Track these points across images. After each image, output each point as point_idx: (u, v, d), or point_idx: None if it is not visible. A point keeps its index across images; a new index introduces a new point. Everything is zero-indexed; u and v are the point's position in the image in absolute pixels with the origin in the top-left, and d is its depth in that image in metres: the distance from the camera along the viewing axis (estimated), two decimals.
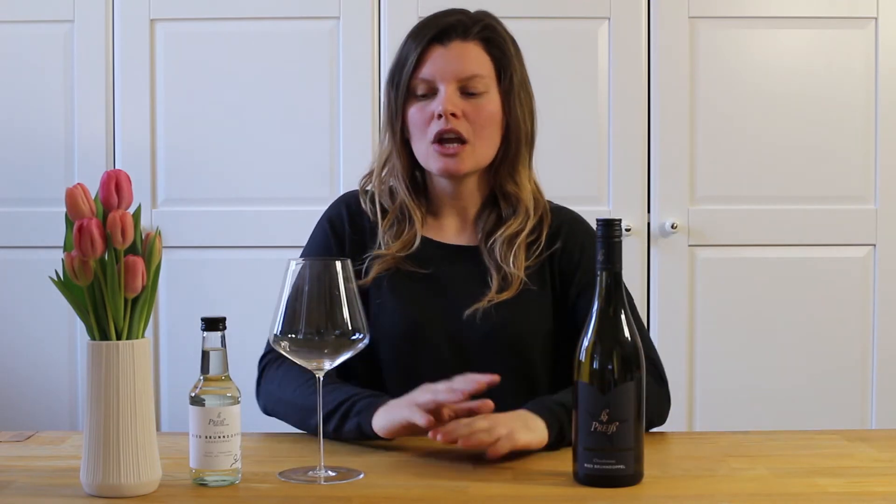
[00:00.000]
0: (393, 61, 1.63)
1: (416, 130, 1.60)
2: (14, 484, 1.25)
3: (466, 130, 1.58)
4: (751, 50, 2.72)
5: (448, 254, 1.64)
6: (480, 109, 1.59)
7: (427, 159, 1.61)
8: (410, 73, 1.58)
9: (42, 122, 2.71)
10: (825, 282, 2.72)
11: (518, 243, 1.61)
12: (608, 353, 1.22)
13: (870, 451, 1.42)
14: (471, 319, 1.58)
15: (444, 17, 1.61)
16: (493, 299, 1.58)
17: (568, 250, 1.65)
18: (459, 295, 1.60)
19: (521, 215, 1.63)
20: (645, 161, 2.70)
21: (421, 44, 1.59)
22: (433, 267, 1.62)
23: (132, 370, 1.19)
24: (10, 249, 2.72)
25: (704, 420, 2.69)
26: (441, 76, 1.58)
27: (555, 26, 2.69)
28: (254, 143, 2.70)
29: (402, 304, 1.60)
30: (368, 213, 1.66)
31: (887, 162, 2.71)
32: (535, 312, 1.62)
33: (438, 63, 1.58)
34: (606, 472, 1.21)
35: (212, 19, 2.70)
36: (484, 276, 1.61)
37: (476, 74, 1.58)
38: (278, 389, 1.56)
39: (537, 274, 1.63)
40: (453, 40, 1.59)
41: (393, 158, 1.64)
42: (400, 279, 1.61)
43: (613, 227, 1.25)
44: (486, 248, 1.63)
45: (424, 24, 1.62)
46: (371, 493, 1.22)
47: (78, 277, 1.17)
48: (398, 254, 1.61)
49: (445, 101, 1.56)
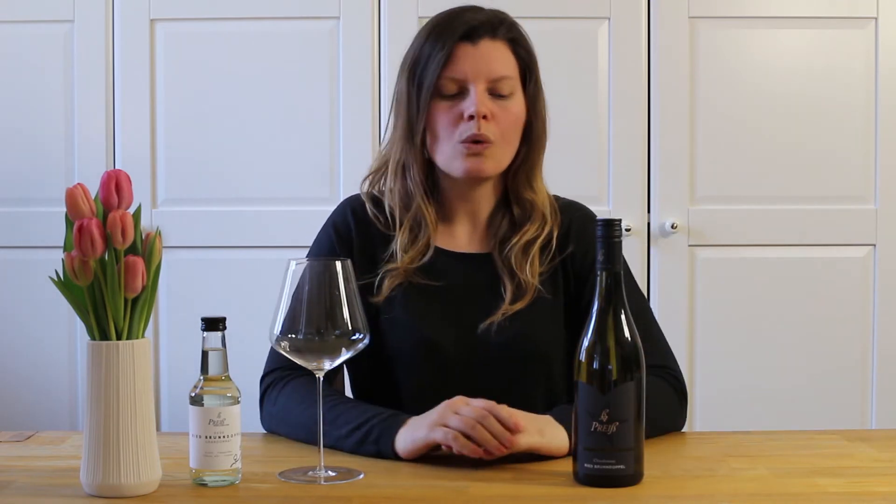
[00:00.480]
0: (411, 57, 1.56)
1: (442, 131, 1.53)
2: (14, 484, 1.25)
3: (493, 133, 1.52)
4: (751, 50, 2.72)
5: (460, 263, 1.59)
6: (507, 112, 1.54)
7: (451, 161, 1.54)
8: (438, 73, 1.51)
9: (42, 122, 2.72)
10: (825, 282, 2.72)
11: (533, 251, 1.57)
12: (608, 353, 1.22)
13: (870, 451, 1.42)
14: (485, 333, 1.54)
15: (470, 15, 1.55)
16: (508, 311, 1.54)
17: (580, 252, 1.61)
18: (473, 308, 1.56)
19: (536, 221, 1.59)
20: (645, 161, 2.71)
21: (450, 42, 1.51)
22: (445, 279, 1.57)
23: (132, 370, 1.18)
24: (10, 249, 2.72)
25: (704, 420, 2.68)
26: (473, 76, 1.51)
27: (555, 26, 2.69)
28: (254, 143, 2.70)
29: (415, 320, 1.55)
30: (377, 222, 1.60)
31: (887, 162, 2.71)
32: (550, 321, 1.58)
33: (469, 62, 1.51)
34: (606, 472, 1.21)
35: (212, 19, 2.70)
36: (497, 285, 1.57)
37: (505, 76, 1.53)
38: (283, 411, 1.51)
39: (550, 279, 1.59)
40: (483, 38, 1.53)
41: (409, 161, 1.57)
42: (412, 293, 1.56)
43: (613, 227, 1.25)
44: (500, 255, 1.58)
45: (448, 21, 1.55)
46: (371, 493, 1.22)
47: (78, 277, 1.17)
48: (411, 266, 1.56)
49: (479, 103, 1.50)
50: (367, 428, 1.38)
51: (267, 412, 1.55)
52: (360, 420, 1.40)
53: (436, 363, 1.54)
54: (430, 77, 1.52)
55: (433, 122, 1.54)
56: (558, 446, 1.34)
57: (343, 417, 1.41)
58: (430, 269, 1.57)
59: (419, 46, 1.56)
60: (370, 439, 1.37)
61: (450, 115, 1.53)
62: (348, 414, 1.42)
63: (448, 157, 1.54)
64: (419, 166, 1.57)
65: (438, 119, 1.53)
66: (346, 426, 1.40)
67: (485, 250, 1.61)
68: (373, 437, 1.37)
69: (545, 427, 1.35)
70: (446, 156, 1.55)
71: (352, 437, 1.39)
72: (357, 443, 1.38)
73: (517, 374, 1.55)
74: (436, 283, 1.56)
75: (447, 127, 1.53)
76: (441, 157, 1.56)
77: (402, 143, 1.57)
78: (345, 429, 1.40)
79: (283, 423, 1.51)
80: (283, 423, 1.51)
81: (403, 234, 1.57)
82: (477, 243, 1.62)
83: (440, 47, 1.52)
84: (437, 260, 1.58)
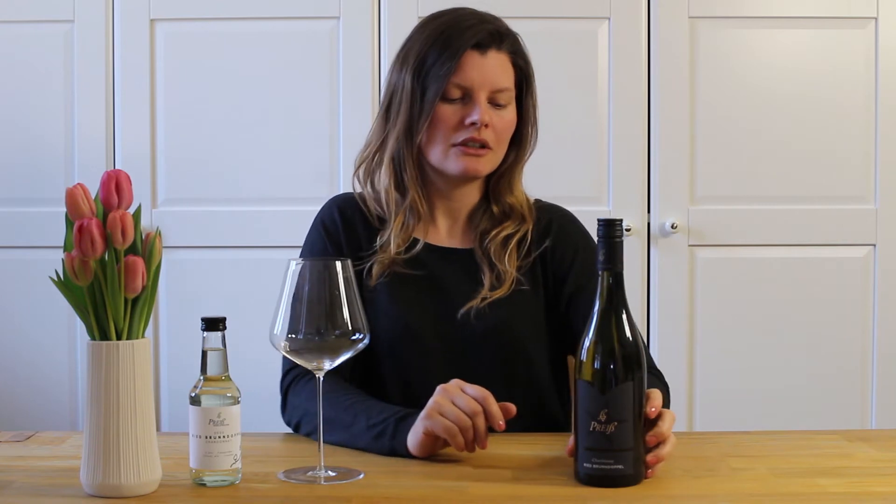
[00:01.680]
0: (414, 56, 1.60)
1: (443, 132, 1.59)
2: (14, 484, 1.25)
3: (491, 140, 1.59)
4: (751, 50, 2.72)
5: (441, 255, 1.65)
6: (503, 121, 1.61)
7: (445, 159, 1.60)
8: (447, 79, 1.56)
9: (42, 122, 2.71)
10: (825, 282, 2.72)
11: (511, 244, 1.63)
12: (608, 352, 1.22)
13: (870, 451, 1.42)
14: (465, 319, 1.59)
15: (479, 25, 1.59)
16: (487, 297, 1.59)
17: (560, 250, 1.66)
18: (453, 295, 1.61)
19: (516, 219, 1.65)
20: (645, 161, 2.70)
21: (461, 49, 1.57)
22: (427, 269, 1.63)
23: (132, 370, 1.18)
24: (10, 249, 2.72)
25: (704, 420, 2.69)
26: (479, 85, 1.58)
27: (555, 26, 2.68)
28: (254, 143, 2.70)
29: (396, 306, 1.60)
30: (368, 216, 1.66)
31: (887, 162, 2.71)
32: (529, 310, 1.63)
33: (477, 71, 1.57)
34: (606, 472, 1.21)
35: (212, 19, 2.70)
36: (477, 275, 1.62)
37: (506, 87, 1.60)
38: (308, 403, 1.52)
39: (529, 273, 1.64)
40: (490, 49, 1.59)
41: (405, 156, 1.62)
42: (394, 282, 1.61)
43: (615, 227, 1.25)
44: (480, 247, 1.64)
45: (457, 27, 1.59)
46: (371, 493, 1.22)
47: (78, 277, 1.17)
48: (399, 256, 1.61)
49: (482, 113, 1.57)
50: (382, 426, 1.41)
51: (292, 404, 1.56)
52: (380, 417, 1.42)
53: (417, 350, 1.59)
54: (439, 82, 1.57)
55: (435, 123, 1.59)
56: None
57: (364, 414, 1.44)
58: (413, 261, 1.62)
59: (424, 48, 1.59)
60: (386, 435, 1.40)
61: (453, 119, 1.59)
62: (369, 411, 1.44)
63: (445, 156, 1.60)
64: (414, 162, 1.63)
65: (441, 122, 1.59)
66: (366, 422, 1.43)
67: (465, 245, 1.66)
68: (388, 433, 1.40)
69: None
70: (443, 155, 1.60)
71: (370, 432, 1.42)
72: (374, 438, 1.41)
73: (498, 361, 1.59)
74: (417, 273, 1.61)
75: (449, 129, 1.59)
76: (437, 155, 1.61)
77: (400, 139, 1.62)
78: (363, 424, 1.43)
79: (312, 414, 1.50)
80: (311, 414, 1.50)
81: (396, 224, 1.62)
82: (457, 239, 1.68)
83: (450, 55, 1.57)
84: (421, 252, 1.63)
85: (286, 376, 1.60)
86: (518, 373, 1.61)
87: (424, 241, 1.64)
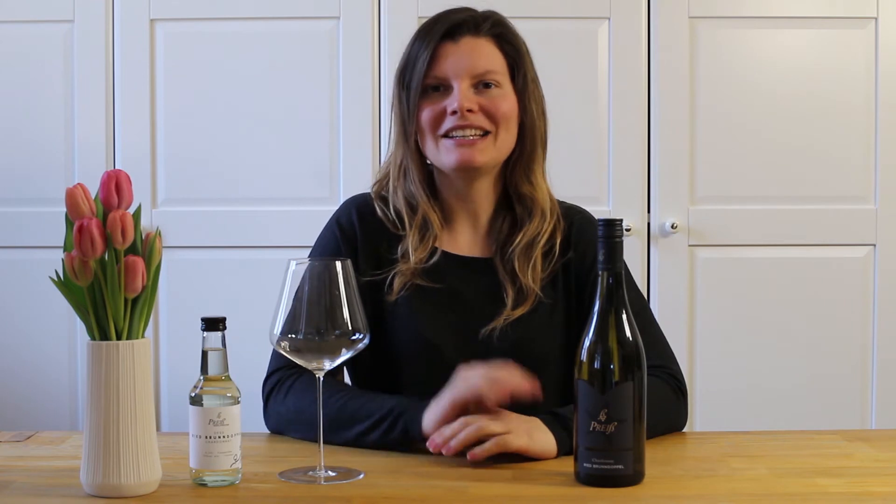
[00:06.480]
0: (401, 62, 1.60)
1: (428, 128, 1.56)
2: (14, 484, 1.25)
3: (485, 123, 1.55)
4: (751, 50, 2.72)
5: (462, 267, 1.60)
6: (497, 102, 1.55)
7: (439, 155, 1.56)
8: (423, 73, 1.55)
9: (42, 122, 2.72)
10: (825, 282, 2.72)
11: (535, 254, 1.58)
12: (608, 352, 1.22)
13: (870, 451, 1.42)
14: (487, 339, 1.55)
15: (453, 15, 1.58)
16: (509, 317, 1.55)
17: (581, 257, 1.62)
18: (474, 312, 1.57)
19: (536, 217, 1.60)
20: (645, 161, 2.71)
21: (432, 42, 1.55)
22: (447, 281, 1.58)
23: (132, 370, 1.18)
24: (10, 249, 2.72)
25: (704, 420, 2.69)
26: (454, 73, 1.54)
27: (555, 26, 2.69)
28: (254, 143, 2.70)
29: (417, 323, 1.56)
30: (386, 221, 1.61)
31: (887, 162, 2.71)
32: (549, 326, 1.59)
33: (450, 60, 1.55)
34: (605, 471, 1.21)
35: (212, 19, 2.70)
36: (498, 290, 1.58)
37: (489, 70, 1.55)
38: (294, 411, 1.50)
39: (550, 284, 1.60)
40: (464, 36, 1.56)
41: (408, 163, 1.59)
42: (415, 295, 1.57)
43: (615, 226, 1.25)
44: (501, 260, 1.59)
45: (433, 23, 1.58)
46: (371, 493, 1.22)
47: (78, 277, 1.17)
48: (418, 267, 1.57)
49: (461, 98, 1.53)
50: (392, 418, 1.41)
51: (274, 412, 1.54)
52: (384, 411, 1.42)
53: (436, 366, 1.54)
54: (417, 78, 1.56)
55: (420, 119, 1.57)
56: (542, 449, 1.35)
57: (363, 411, 1.43)
58: (433, 272, 1.58)
59: (406, 52, 1.60)
60: (398, 427, 1.40)
61: (435, 111, 1.56)
62: (368, 407, 1.44)
63: (437, 152, 1.57)
64: (417, 167, 1.60)
65: (425, 118, 1.56)
66: (369, 419, 1.42)
67: (486, 255, 1.62)
68: (400, 425, 1.40)
69: (534, 431, 1.36)
70: (436, 150, 1.57)
71: (378, 428, 1.41)
72: (384, 433, 1.41)
73: None
74: (437, 286, 1.57)
75: (432, 122, 1.56)
76: (431, 152, 1.58)
77: (399, 146, 1.61)
78: (367, 422, 1.42)
79: (296, 422, 1.50)
80: (294, 422, 1.50)
81: (413, 235, 1.59)
82: (479, 247, 1.63)
83: (424, 48, 1.56)
84: (440, 262, 1.59)
85: (268, 380, 1.57)
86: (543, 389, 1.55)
87: (443, 249, 1.60)
